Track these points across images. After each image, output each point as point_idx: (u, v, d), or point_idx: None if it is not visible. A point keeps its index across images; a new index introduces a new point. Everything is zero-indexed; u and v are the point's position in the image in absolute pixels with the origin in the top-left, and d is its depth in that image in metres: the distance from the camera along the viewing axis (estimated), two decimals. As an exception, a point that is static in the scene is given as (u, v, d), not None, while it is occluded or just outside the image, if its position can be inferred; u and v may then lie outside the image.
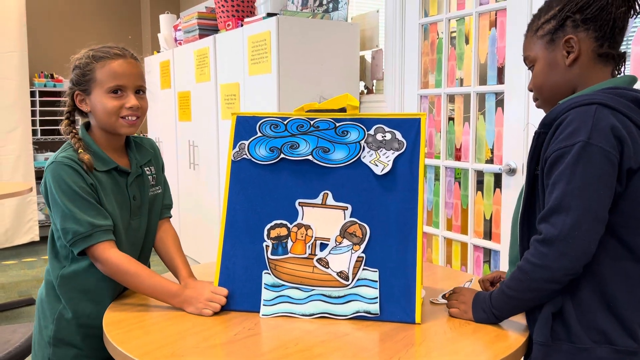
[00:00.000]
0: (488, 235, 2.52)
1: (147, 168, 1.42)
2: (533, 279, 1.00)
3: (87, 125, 1.37)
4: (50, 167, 1.26)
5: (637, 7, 1.05)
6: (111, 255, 1.23)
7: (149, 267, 1.49)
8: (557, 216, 0.96)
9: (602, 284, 1.00)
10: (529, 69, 1.15)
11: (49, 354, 1.32)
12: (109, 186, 1.31)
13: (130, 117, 1.31)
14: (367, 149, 1.24)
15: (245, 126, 1.31)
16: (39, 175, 4.88)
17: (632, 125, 0.98)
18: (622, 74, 1.11)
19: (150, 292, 1.25)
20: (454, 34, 2.67)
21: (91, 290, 1.30)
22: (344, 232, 1.21)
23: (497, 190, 2.42)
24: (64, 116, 1.34)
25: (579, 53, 1.06)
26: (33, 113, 4.82)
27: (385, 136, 1.24)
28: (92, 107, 1.31)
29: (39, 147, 5.09)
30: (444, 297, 1.29)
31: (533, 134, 1.06)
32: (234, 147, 1.30)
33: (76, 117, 1.38)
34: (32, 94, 4.83)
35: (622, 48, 1.10)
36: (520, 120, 2.25)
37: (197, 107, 3.76)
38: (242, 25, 3.19)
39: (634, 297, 1.00)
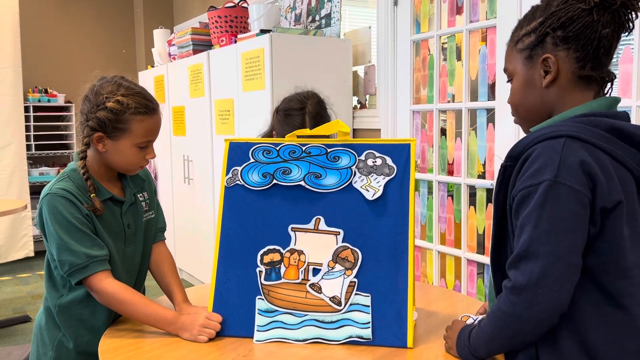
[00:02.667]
0: (481, 249, 2.54)
1: (140, 194, 1.43)
2: (505, 327, 0.93)
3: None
4: (46, 199, 1.26)
5: (630, 24, 0.93)
6: (107, 286, 1.24)
7: (145, 290, 1.51)
8: (526, 263, 0.88)
9: (582, 332, 0.90)
10: (508, 81, 1.06)
11: None
12: (104, 216, 1.32)
13: (144, 165, 1.35)
14: (358, 175, 1.26)
15: (238, 152, 1.32)
16: (33, 190, 4.88)
17: (606, 159, 0.89)
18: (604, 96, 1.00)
19: (146, 320, 1.25)
20: (445, 46, 2.71)
21: (89, 319, 1.32)
22: (336, 257, 1.22)
23: (490, 205, 2.44)
24: (80, 155, 1.30)
25: (557, 74, 0.95)
26: (27, 128, 4.83)
27: (375, 161, 1.26)
28: (112, 151, 1.30)
29: (34, 162, 5.09)
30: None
31: (499, 167, 0.98)
32: (227, 173, 1.31)
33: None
34: (26, 109, 4.83)
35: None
36: (511, 136, 2.28)
37: (191, 122, 3.78)
38: (235, 42, 3.22)
39: (617, 345, 0.89)
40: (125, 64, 5.59)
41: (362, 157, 1.27)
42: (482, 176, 2.52)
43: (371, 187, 1.24)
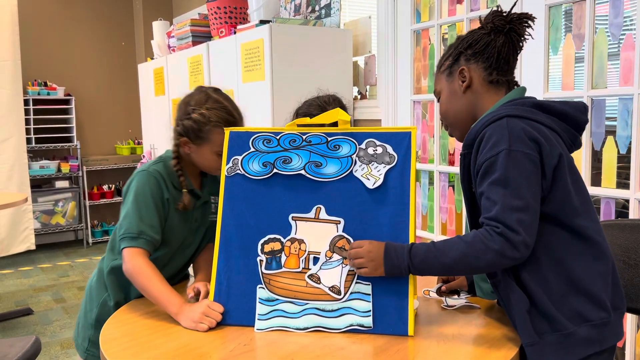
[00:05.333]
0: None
1: (213, 198, 1.56)
2: (480, 257, 1.06)
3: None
4: (140, 174, 1.43)
5: (520, 43, 1.20)
6: (136, 259, 1.34)
7: (188, 274, 1.66)
8: (504, 214, 1.05)
9: (565, 267, 1.09)
10: (438, 101, 1.29)
11: (89, 335, 1.50)
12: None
13: None
14: (358, 163, 1.25)
15: (238, 141, 1.32)
16: (33, 183, 4.88)
17: (540, 126, 1.11)
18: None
19: (154, 297, 1.31)
20: (445, 36, 2.69)
21: (129, 284, 1.43)
22: (333, 247, 1.22)
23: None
24: (173, 155, 1.46)
25: (471, 81, 1.21)
26: (27, 122, 4.82)
27: (376, 150, 1.25)
28: (195, 153, 1.46)
29: (34, 155, 5.08)
30: (439, 291, 1.39)
31: (459, 156, 1.17)
32: (227, 162, 1.31)
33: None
34: (26, 102, 4.82)
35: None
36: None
37: (191, 114, 3.76)
38: (235, 33, 3.20)
39: (592, 270, 1.10)
40: (125, 56, 5.58)
41: (363, 146, 1.26)
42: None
43: (372, 175, 1.24)
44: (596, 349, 1.07)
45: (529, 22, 1.20)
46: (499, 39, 1.18)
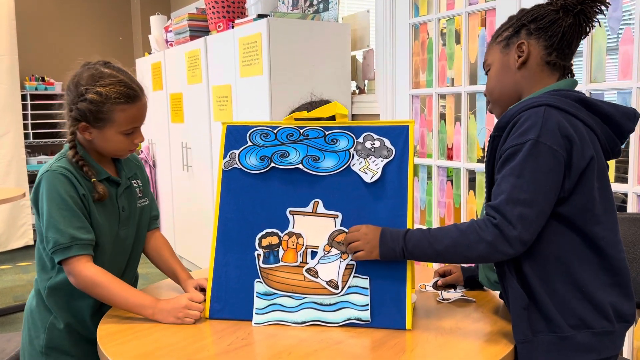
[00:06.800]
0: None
1: (134, 181, 1.45)
2: (472, 247, 1.05)
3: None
4: (45, 175, 1.27)
5: (588, 28, 1.13)
6: (84, 269, 1.23)
7: (137, 277, 1.53)
8: (505, 206, 1.02)
9: (572, 272, 1.06)
10: (486, 73, 1.23)
11: None
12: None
13: (133, 148, 1.36)
14: (356, 157, 1.25)
15: (235, 135, 1.31)
16: (32, 179, 4.86)
17: (579, 123, 1.06)
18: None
19: (123, 304, 1.24)
20: (444, 30, 2.68)
21: (78, 299, 1.32)
22: (332, 241, 1.22)
23: (489, 189, 2.43)
24: (70, 144, 1.30)
25: (528, 57, 1.13)
26: (25, 117, 4.81)
27: (374, 144, 1.25)
28: (98, 139, 1.31)
29: (32, 150, 5.07)
30: (435, 285, 1.40)
31: (488, 138, 1.13)
32: (225, 156, 1.30)
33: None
34: (24, 97, 4.80)
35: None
36: (511, 119, 2.26)
37: (189, 109, 3.76)
38: (232, 27, 3.19)
39: (597, 280, 1.08)
40: (122, 51, 5.56)
41: (361, 140, 1.25)
42: (481, 160, 2.51)
43: (369, 169, 1.23)
44: (593, 357, 1.06)
45: (602, 7, 1.12)
46: (567, 19, 1.11)
